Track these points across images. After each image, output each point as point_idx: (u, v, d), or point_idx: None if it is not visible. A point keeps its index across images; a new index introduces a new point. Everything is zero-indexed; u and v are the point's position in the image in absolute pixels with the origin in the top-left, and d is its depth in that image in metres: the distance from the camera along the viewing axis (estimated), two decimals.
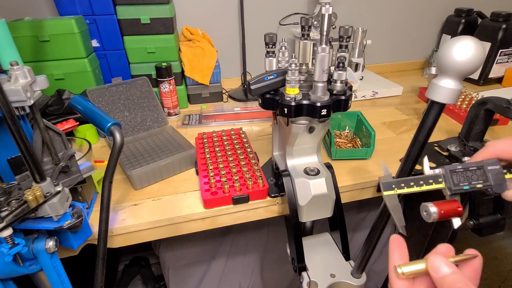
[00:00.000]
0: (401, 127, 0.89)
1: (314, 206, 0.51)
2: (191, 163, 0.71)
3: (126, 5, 0.89)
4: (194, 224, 0.59)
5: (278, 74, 0.47)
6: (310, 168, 0.54)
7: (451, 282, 0.23)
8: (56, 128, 0.49)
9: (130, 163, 0.70)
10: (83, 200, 0.57)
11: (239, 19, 1.09)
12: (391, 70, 1.39)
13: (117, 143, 0.43)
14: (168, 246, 1.04)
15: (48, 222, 0.43)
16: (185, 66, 0.99)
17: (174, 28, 0.96)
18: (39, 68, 0.83)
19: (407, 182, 0.30)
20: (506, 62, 1.14)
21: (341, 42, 0.44)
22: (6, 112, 0.36)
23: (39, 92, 0.44)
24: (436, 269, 0.25)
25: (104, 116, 0.46)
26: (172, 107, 0.96)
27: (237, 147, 0.71)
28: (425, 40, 1.37)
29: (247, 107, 1.01)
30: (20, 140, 0.37)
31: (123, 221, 0.56)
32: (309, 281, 0.51)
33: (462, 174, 0.30)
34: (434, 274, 0.25)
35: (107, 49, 0.94)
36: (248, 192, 0.59)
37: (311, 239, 0.60)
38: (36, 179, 0.40)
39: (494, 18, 1.09)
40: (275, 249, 1.05)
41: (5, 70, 0.42)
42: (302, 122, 0.49)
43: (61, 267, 0.47)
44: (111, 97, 0.80)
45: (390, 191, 0.30)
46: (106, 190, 0.43)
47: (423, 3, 1.28)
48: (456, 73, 0.31)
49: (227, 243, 1.04)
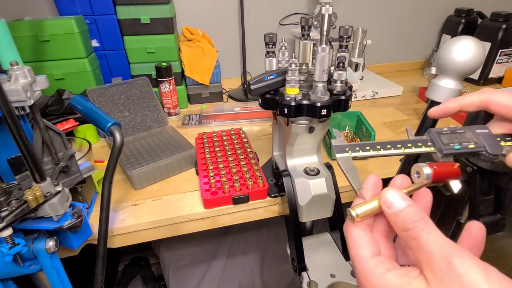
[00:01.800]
0: (401, 127, 0.89)
1: (314, 206, 0.51)
2: (191, 163, 0.71)
3: (126, 5, 0.89)
4: (194, 224, 0.59)
5: (278, 74, 0.47)
6: (310, 168, 0.54)
7: (406, 217, 0.20)
8: (56, 128, 0.49)
9: (130, 163, 0.70)
10: (83, 200, 0.57)
11: (239, 19, 1.09)
12: (391, 70, 1.39)
13: (117, 143, 0.43)
14: (168, 246, 1.04)
15: (48, 222, 0.43)
16: (185, 66, 0.99)
17: (174, 28, 0.96)
18: (39, 68, 0.83)
19: (362, 146, 0.27)
20: (506, 62, 1.14)
21: (341, 42, 0.44)
22: (6, 112, 0.36)
23: (39, 92, 0.44)
24: (389, 204, 0.22)
25: (104, 116, 0.46)
26: (172, 107, 0.96)
27: (237, 147, 0.71)
28: (425, 40, 1.37)
29: (247, 107, 1.01)
30: (20, 140, 0.37)
31: (123, 221, 0.56)
32: (309, 281, 0.51)
33: (449, 136, 0.27)
34: (388, 210, 0.22)
35: (107, 49, 0.94)
36: (248, 192, 0.59)
37: (311, 239, 0.60)
38: (36, 179, 0.40)
39: (494, 18, 1.09)
40: (275, 249, 1.05)
41: (5, 70, 0.42)
42: (302, 122, 0.49)
43: (61, 267, 0.47)
44: (111, 97, 0.80)
45: (344, 153, 0.27)
46: (106, 190, 0.43)
47: (423, 3, 1.28)
48: (456, 73, 0.31)
49: (227, 243, 1.04)
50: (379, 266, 0.21)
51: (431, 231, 0.19)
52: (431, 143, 0.27)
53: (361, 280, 0.21)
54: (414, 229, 0.20)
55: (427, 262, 0.19)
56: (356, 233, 0.23)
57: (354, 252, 0.22)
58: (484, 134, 0.27)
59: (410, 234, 0.20)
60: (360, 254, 0.22)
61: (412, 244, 0.20)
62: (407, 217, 0.20)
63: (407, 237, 0.20)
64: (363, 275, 0.21)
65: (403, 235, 0.21)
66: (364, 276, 0.21)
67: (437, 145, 0.27)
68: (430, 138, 0.27)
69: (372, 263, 0.21)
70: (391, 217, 0.21)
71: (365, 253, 0.22)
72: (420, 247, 0.19)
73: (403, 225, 0.20)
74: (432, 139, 0.27)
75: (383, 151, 0.27)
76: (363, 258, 0.22)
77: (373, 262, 0.21)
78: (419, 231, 0.19)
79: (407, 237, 0.20)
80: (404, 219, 0.20)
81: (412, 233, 0.20)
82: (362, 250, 0.22)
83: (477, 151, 0.27)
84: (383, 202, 0.22)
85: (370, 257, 0.21)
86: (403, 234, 0.21)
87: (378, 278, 0.20)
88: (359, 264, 0.22)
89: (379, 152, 0.27)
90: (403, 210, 0.21)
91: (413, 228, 0.20)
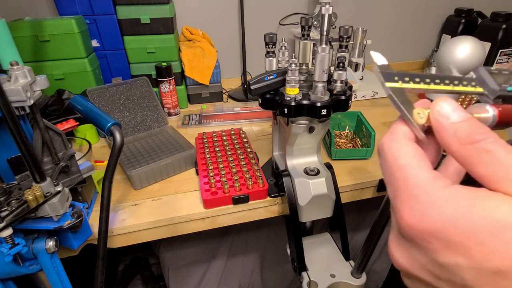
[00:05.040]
0: None
1: (314, 206, 0.51)
2: (191, 163, 0.71)
3: (126, 5, 0.89)
4: (194, 224, 0.59)
5: (278, 74, 0.47)
6: (310, 168, 0.54)
7: (473, 128, 0.17)
8: (56, 128, 0.49)
9: (130, 163, 0.70)
10: (83, 200, 0.57)
11: (239, 19, 1.09)
12: None
13: (117, 143, 0.43)
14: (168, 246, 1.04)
15: (48, 222, 0.43)
16: (185, 66, 0.99)
17: (174, 28, 0.96)
18: (39, 68, 0.83)
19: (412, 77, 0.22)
20: (506, 62, 1.14)
21: (341, 42, 0.44)
22: (6, 112, 0.36)
23: (39, 92, 0.44)
24: (447, 114, 0.18)
25: (104, 116, 0.46)
26: (172, 107, 0.96)
27: (237, 147, 0.71)
28: (425, 40, 1.37)
29: (247, 107, 1.01)
30: (20, 140, 0.37)
31: (123, 221, 0.56)
32: (309, 281, 0.51)
33: (498, 76, 0.24)
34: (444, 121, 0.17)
35: (107, 49, 0.94)
36: (248, 192, 0.59)
37: (311, 239, 0.60)
38: (36, 179, 0.40)
39: (494, 18, 1.09)
40: (275, 249, 1.05)
41: (5, 70, 0.42)
42: (302, 122, 0.49)
43: (61, 267, 0.47)
44: (111, 97, 0.80)
45: (393, 83, 0.22)
46: (106, 190, 0.43)
47: (423, 3, 1.28)
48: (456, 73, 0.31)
49: (227, 243, 1.04)
50: (440, 179, 0.17)
51: (505, 143, 0.16)
52: (479, 83, 0.23)
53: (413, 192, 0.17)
54: (486, 140, 0.16)
55: (508, 177, 0.15)
56: (406, 143, 0.19)
57: (403, 162, 0.18)
58: None
59: (481, 146, 0.16)
60: (413, 164, 0.18)
61: (483, 159, 0.16)
62: (474, 127, 0.17)
63: (475, 150, 0.16)
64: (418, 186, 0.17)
65: (468, 149, 0.16)
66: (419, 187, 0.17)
67: (490, 84, 0.23)
68: (478, 77, 0.23)
69: (431, 174, 0.17)
70: (449, 130, 0.17)
71: (421, 163, 0.18)
72: (497, 161, 0.16)
73: (469, 137, 0.16)
74: (482, 79, 0.23)
75: (433, 86, 0.22)
76: (418, 166, 0.17)
77: (432, 173, 0.17)
78: (493, 143, 0.16)
79: (475, 150, 0.16)
80: (470, 128, 0.17)
81: (484, 145, 0.16)
82: (414, 160, 0.18)
83: None
84: (437, 112, 0.18)
85: (427, 168, 0.17)
86: (468, 148, 0.16)
87: (441, 189, 0.16)
88: (410, 173, 0.17)
89: (429, 86, 0.22)
90: (467, 120, 0.17)
91: (485, 140, 0.16)
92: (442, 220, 0.16)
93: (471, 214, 0.15)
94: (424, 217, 0.16)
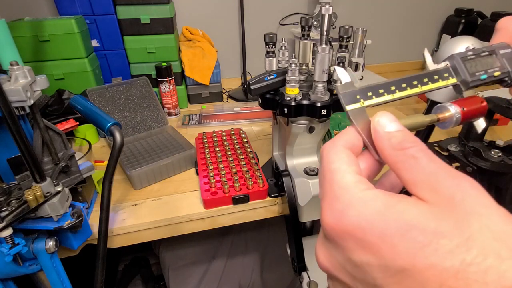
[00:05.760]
0: None
1: (314, 206, 0.51)
2: (191, 163, 0.71)
3: (126, 5, 0.89)
4: (194, 224, 0.59)
5: (278, 74, 0.47)
6: (310, 168, 0.54)
7: (405, 136, 0.18)
8: (56, 128, 0.49)
9: (130, 163, 0.70)
10: (83, 200, 0.57)
11: (239, 19, 1.09)
12: (391, 70, 1.39)
13: (117, 143, 0.43)
14: (168, 246, 1.04)
15: (48, 222, 0.43)
16: (185, 66, 0.99)
17: (174, 28, 0.96)
18: (39, 68, 0.83)
19: (375, 91, 0.22)
20: None
21: (341, 42, 0.44)
22: (6, 112, 0.36)
23: (39, 92, 0.44)
24: (383, 124, 0.19)
25: (104, 116, 0.46)
26: (172, 107, 0.96)
27: (237, 147, 0.71)
28: (425, 40, 1.37)
29: (247, 107, 1.01)
30: (20, 140, 0.37)
31: (123, 221, 0.56)
32: (309, 281, 0.51)
33: (474, 63, 0.23)
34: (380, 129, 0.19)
35: (107, 49, 0.94)
36: (248, 192, 0.59)
37: (311, 239, 0.60)
38: (36, 179, 0.40)
39: (494, 18, 1.09)
40: (275, 249, 1.05)
41: (5, 70, 0.42)
42: (302, 122, 0.49)
43: (61, 267, 0.47)
44: (111, 97, 0.80)
45: (355, 104, 0.21)
46: (106, 190, 0.43)
47: (423, 3, 1.28)
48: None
49: (227, 243, 1.04)
50: (363, 182, 0.18)
51: (431, 153, 0.17)
52: (453, 72, 0.23)
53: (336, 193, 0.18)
54: (414, 147, 0.17)
55: (430, 182, 0.16)
56: (341, 150, 0.20)
57: (334, 166, 0.19)
58: (507, 55, 0.24)
59: (409, 152, 0.17)
60: (342, 168, 0.19)
61: (409, 164, 0.17)
62: (406, 136, 0.18)
63: (404, 156, 0.18)
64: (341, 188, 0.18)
65: (399, 154, 0.18)
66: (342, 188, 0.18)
67: (462, 75, 0.23)
68: (453, 66, 0.23)
69: (355, 178, 0.18)
70: (384, 137, 0.19)
71: (349, 169, 0.19)
72: (420, 166, 0.17)
73: (400, 144, 0.18)
74: (456, 67, 0.23)
75: (398, 93, 0.22)
76: (345, 171, 0.18)
77: (357, 177, 0.18)
78: (419, 151, 0.17)
79: (404, 156, 0.18)
80: (402, 137, 0.18)
81: (412, 152, 0.17)
82: (344, 165, 0.19)
83: (502, 78, 0.23)
84: (377, 123, 0.19)
85: (354, 172, 0.18)
86: (398, 153, 0.18)
87: (361, 192, 0.17)
88: (337, 177, 0.18)
89: (394, 96, 0.22)
90: (401, 130, 0.19)
91: (413, 147, 0.18)
92: (359, 221, 0.16)
93: (385, 215, 0.16)
94: (343, 216, 0.17)
